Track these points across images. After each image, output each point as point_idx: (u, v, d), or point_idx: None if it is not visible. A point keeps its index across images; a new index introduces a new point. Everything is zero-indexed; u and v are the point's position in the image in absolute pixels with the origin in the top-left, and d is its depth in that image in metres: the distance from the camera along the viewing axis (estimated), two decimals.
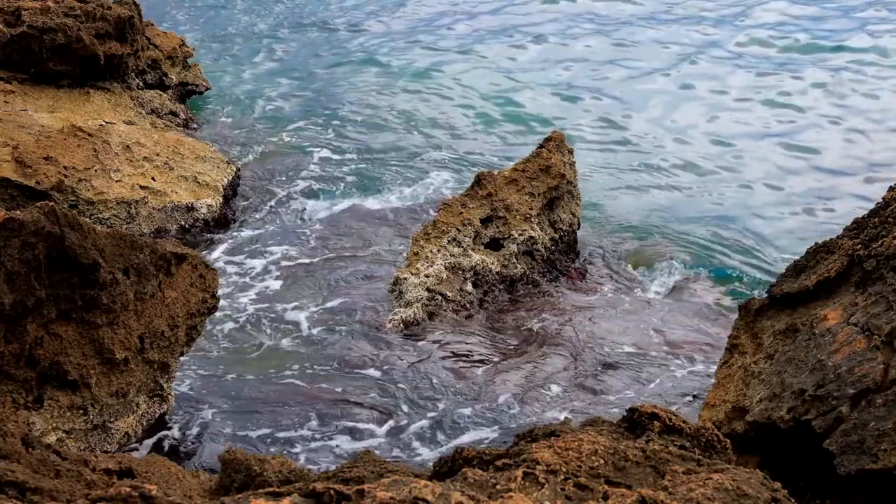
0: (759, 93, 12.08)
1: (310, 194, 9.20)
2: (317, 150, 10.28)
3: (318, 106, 11.79)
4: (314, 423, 5.59)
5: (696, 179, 9.85)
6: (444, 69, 13.25)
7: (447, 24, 15.38)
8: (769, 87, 12.22)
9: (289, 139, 10.59)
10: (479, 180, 7.42)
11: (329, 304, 7.05)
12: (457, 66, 13.36)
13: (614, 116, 11.51)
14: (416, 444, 5.48)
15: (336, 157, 10.14)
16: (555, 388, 6.10)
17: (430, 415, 5.74)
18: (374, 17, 15.84)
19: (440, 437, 5.54)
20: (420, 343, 6.52)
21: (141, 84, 10.37)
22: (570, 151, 7.84)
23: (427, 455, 5.35)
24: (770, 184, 9.71)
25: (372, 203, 8.99)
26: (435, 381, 6.09)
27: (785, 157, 10.31)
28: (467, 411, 5.79)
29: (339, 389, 5.94)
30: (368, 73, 13.20)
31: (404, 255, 7.41)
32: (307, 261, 7.83)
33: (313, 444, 5.40)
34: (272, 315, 6.89)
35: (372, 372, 6.19)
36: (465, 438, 5.52)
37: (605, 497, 2.35)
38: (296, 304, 7.07)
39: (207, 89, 11.83)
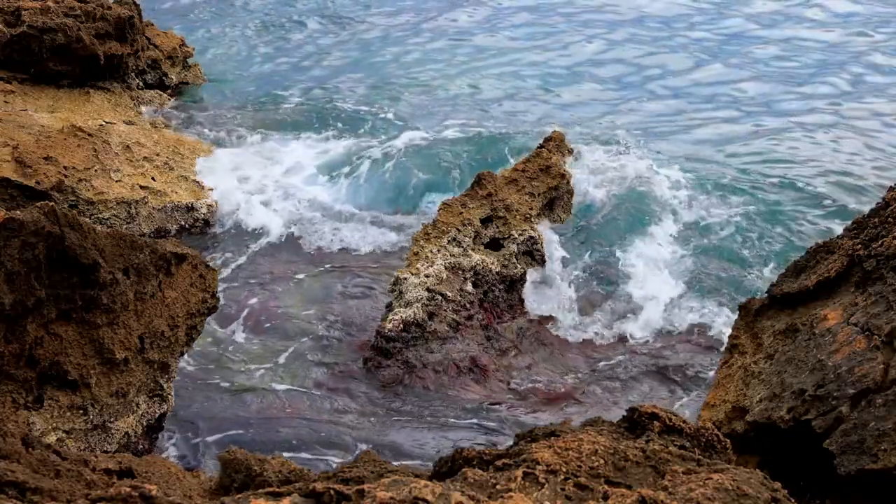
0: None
1: (309, 192, 9.19)
2: (318, 147, 10.28)
3: (319, 103, 11.77)
4: (310, 429, 5.59)
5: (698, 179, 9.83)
6: (450, 59, 13.28)
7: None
8: None
9: (289, 137, 10.57)
10: (479, 180, 7.41)
11: (329, 304, 7.05)
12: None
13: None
14: (412, 450, 5.47)
15: (337, 155, 10.13)
16: (554, 389, 6.09)
17: (428, 418, 5.74)
18: (374, 11, 15.89)
19: (437, 441, 5.54)
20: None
21: (141, 84, 10.38)
22: (571, 151, 7.84)
23: (424, 459, 5.36)
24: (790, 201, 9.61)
25: (371, 202, 8.99)
26: (433, 382, 6.09)
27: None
28: (466, 412, 5.79)
29: (337, 391, 5.94)
30: (369, 68, 13.20)
31: (406, 254, 7.41)
32: (307, 258, 7.83)
33: (309, 452, 5.40)
34: (272, 315, 6.89)
35: (367, 377, 6.19)
36: (464, 440, 5.52)
37: (605, 497, 2.35)
38: (296, 303, 7.07)
39: None
